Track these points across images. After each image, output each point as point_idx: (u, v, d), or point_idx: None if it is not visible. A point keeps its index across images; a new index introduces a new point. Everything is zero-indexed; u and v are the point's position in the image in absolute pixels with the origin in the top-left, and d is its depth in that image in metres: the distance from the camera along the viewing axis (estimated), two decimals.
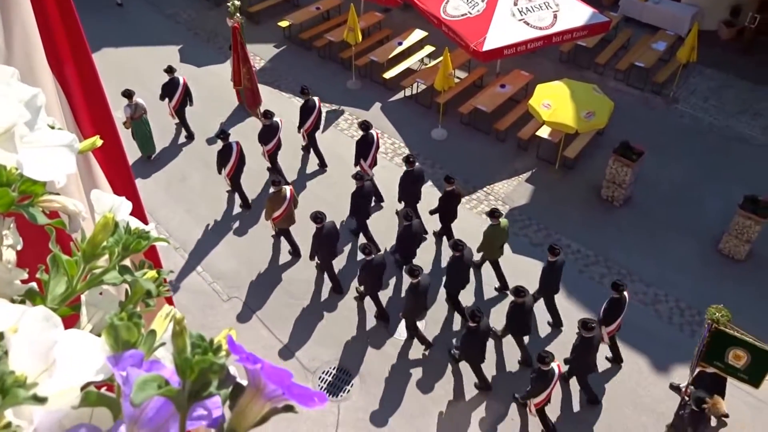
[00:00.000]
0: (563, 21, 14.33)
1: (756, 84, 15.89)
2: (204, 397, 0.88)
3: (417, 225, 11.11)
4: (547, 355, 8.76)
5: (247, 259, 12.25)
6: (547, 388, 8.91)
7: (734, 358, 8.58)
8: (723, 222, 12.10)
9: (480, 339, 9.46)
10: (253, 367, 0.90)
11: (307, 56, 17.43)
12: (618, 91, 15.55)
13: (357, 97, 16.04)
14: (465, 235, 11.36)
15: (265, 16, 18.62)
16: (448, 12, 14.91)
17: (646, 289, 11.54)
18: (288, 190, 11.52)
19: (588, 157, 13.89)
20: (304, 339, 10.97)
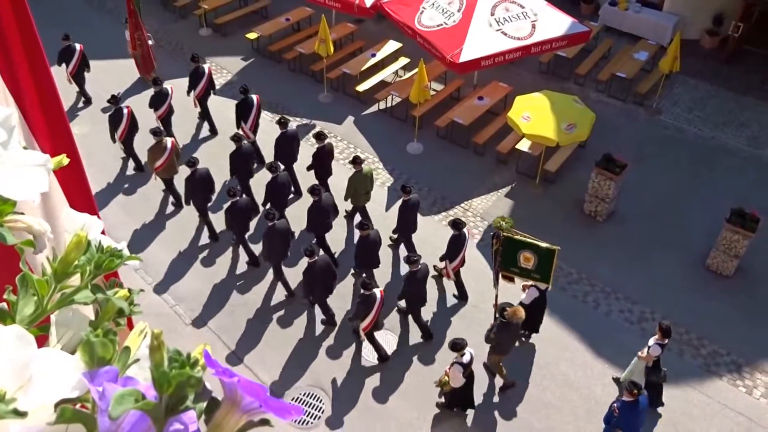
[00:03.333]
0: (542, 31, 14.66)
1: (741, 94, 16.37)
2: (181, 410, 0.94)
3: (374, 234, 11.37)
4: (369, 282, 9.93)
5: (209, 280, 12.27)
6: (370, 312, 10.06)
7: (525, 261, 9.96)
8: (709, 236, 12.38)
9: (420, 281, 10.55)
10: (229, 381, 0.96)
11: (277, 69, 17.56)
12: (599, 103, 15.91)
13: (329, 110, 16.17)
14: (435, 248, 11.50)
15: (233, 27, 18.75)
16: (423, 23, 15.17)
17: (632, 307, 11.75)
18: (169, 142, 12.82)
19: (570, 170, 14.15)
20: (271, 361, 10.99)
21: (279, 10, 18.95)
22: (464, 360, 9.40)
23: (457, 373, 9.42)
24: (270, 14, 19.26)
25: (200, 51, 17.94)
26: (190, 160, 12.15)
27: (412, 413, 10.34)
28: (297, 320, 11.64)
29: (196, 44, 18.25)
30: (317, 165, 12.92)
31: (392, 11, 15.87)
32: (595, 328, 11.35)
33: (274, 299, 11.99)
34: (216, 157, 14.05)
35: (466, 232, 11.10)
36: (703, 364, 10.96)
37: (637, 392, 8.65)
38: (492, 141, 14.63)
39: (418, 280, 10.52)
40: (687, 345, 11.24)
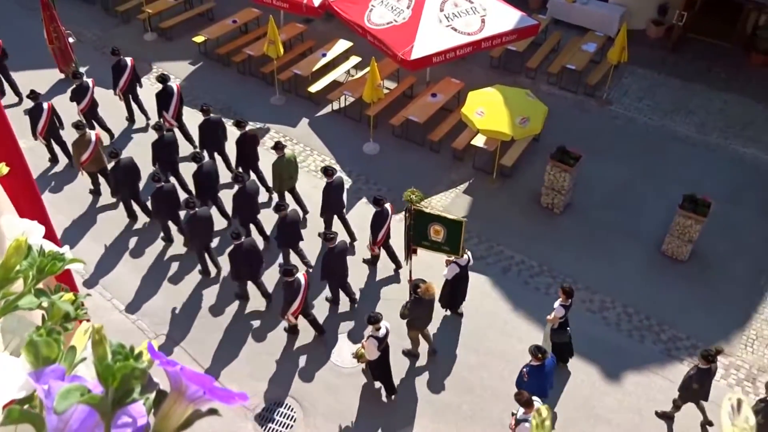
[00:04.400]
0: (491, 26, 14.89)
1: (687, 81, 16.90)
2: (127, 403, 0.96)
3: (292, 214, 11.76)
4: (291, 268, 10.31)
5: (172, 293, 12.14)
6: (296, 297, 10.40)
7: (435, 234, 10.31)
8: (664, 223, 12.76)
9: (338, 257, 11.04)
10: (173, 370, 0.98)
11: (226, 72, 17.44)
12: (551, 95, 16.23)
13: (282, 113, 16.14)
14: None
15: (179, 31, 18.54)
16: (372, 20, 15.26)
17: (593, 297, 12.03)
18: (93, 134, 12.95)
19: (525, 164, 14.42)
20: (240, 373, 10.93)
21: (225, 12, 18.80)
22: (380, 334, 9.69)
23: (372, 347, 9.72)
24: (216, 17, 19.11)
25: (146, 56, 17.77)
26: (113, 151, 12.38)
27: (386, 417, 10.41)
28: (265, 331, 11.59)
29: (141, 49, 18.01)
30: (240, 152, 13.20)
31: (341, 10, 15.92)
32: None
33: (238, 309, 11.92)
34: (146, 148, 13.82)
35: (387, 208, 11.65)
36: (664, 349, 11.30)
37: (541, 356, 9.15)
38: (447, 138, 14.80)
39: (336, 255, 10.95)
40: (648, 331, 11.57)
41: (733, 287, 12.18)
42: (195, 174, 12.55)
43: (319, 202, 12.40)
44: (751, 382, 10.87)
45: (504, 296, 12.08)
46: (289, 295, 10.49)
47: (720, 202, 12.51)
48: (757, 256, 12.73)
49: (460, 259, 10.76)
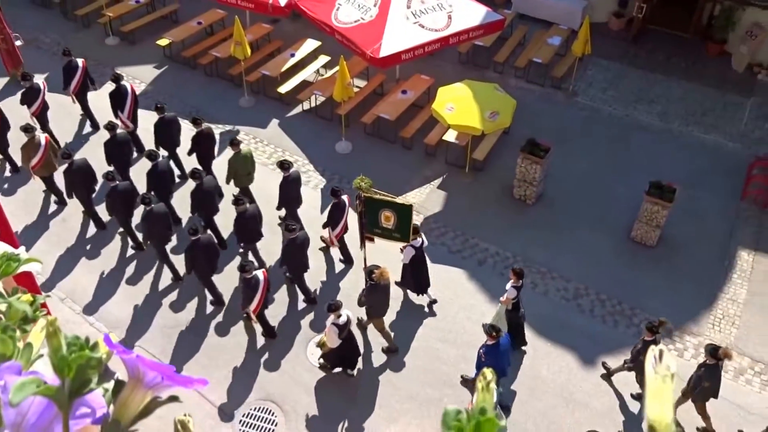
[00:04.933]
0: (458, 21, 15.23)
1: (649, 71, 17.48)
2: (85, 393, 0.95)
3: (252, 209, 11.94)
4: (246, 264, 10.42)
5: (144, 302, 12.20)
6: (255, 294, 10.54)
7: (385, 220, 10.69)
8: (632, 209, 13.25)
9: (299, 248, 11.30)
10: (129, 357, 0.99)
11: (193, 75, 17.46)
12: (519, 89, 16.64)
13: (252, 115, 16.25)
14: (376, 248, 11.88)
15: (142, 35, 18.47)
16: (339, 19, 15.46)
17: (567, 285, 12.46)
18: (42, 137, 12.84)
19: (497, 157, 14.79)
20: (218, 380, 11.03)
21: (189, 13, 18.79)
22: (340, 321, 9.94)
23: (333, 334, 9.97)
24: (180, 19, 19.08)
25: (109, 62, 17.68)
26: (65, 152, 12.33)
27: (365, 416, 10.62)
28: (236, 334, 11.73)
29: (103, 54, 17.93)
30: (197, 149, 13.40)
31: (308, 9, 16.08)
32: (535, 308, 11.95)
33: (208, 314, 12.04)
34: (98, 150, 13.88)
35: (345, 199, 11.87)
36: (636, 333, 11.74)
37: (496, 334, 9.48)
38: (419, 134, 15.10)
39: (297, 246, 11.18)
40: (620, 315, 12.03)
41: (700, 269, 12.74)
42: (149, 172, 12.54)
43: None
44: None
45: (480, 288, 12.43)
46: (248, 293, 10.64)
47: (684, 188, 13.05)
48: (720, 238, 13.32)
49: (414, 242, 11.14)
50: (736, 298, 12.43)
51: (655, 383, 0.71)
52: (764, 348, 11.66)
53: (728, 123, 15.95)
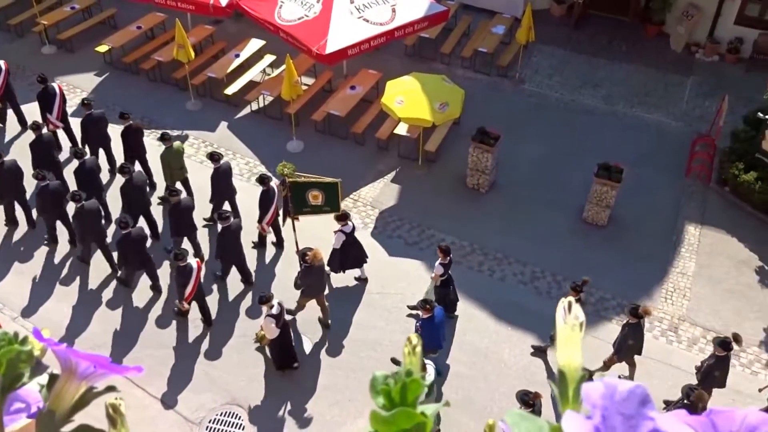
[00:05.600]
0: (402, 14, 15.39)
1: (591, 56, 17.95)
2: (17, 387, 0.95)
3: (186, 201, 12.23)
4: (180, 252, 10.69)
5: (101, 313, 12.08)
6: (189, 282, 10.77)
7: (314, 199, 11.31)
8: (583, 192, 13.63)
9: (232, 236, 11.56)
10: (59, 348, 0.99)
11: (136, 81, 17.23)
12: (467, 79, 16.91)
13: (199, 118, 16.14)
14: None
15: (80, 42, 18.12)
16: (283, 17, 15.47)
17: (524, 269, 12.78)
18: None
19: (448, 148, 15.04)
20: (180, 389, 11.01)
21: (128, 18, 18.48)
22: (274, 311, 10.15)
23: (270, 325, 10.17)
24: (119, 24, 18.76)
25: (46, 71, 17.27)
26: None
27: (332, 413, 10.74)
28: (195, 338, 11.74)
29: (40, 64, 17.51)
30: (125, 145, 13.54)
31: (250, 8, 16.04)
32: (494, 294, 12.25)
33: (164, 320, 12.00)
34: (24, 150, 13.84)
35: (273, 186, 12.09)
36: (593, 311, 12.15)
37: (429, 307, 9.90)
38: (370, 129, 15.22)
39: (231, 233, 11.45)
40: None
41: (650, 245, 13.22)
42: (77, 170, 12.60)
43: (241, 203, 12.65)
44: (673, 331, 11.89)
45: None
46: (181, 280, 10.86)
47: (631, 168, 13.49)
48: (668, 214, 13.84)
49: (345, 227, 11.48)
50: (685, 272, 12.94)
51: (565, 332, 0.85)
52: (715, 318, 12.18)
53: (670, 102, 16.51)
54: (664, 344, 11.62)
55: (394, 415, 0.78)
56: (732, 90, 15.85)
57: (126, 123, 13.34)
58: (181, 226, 12.13)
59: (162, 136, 12.89)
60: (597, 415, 0.64)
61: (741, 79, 16.93)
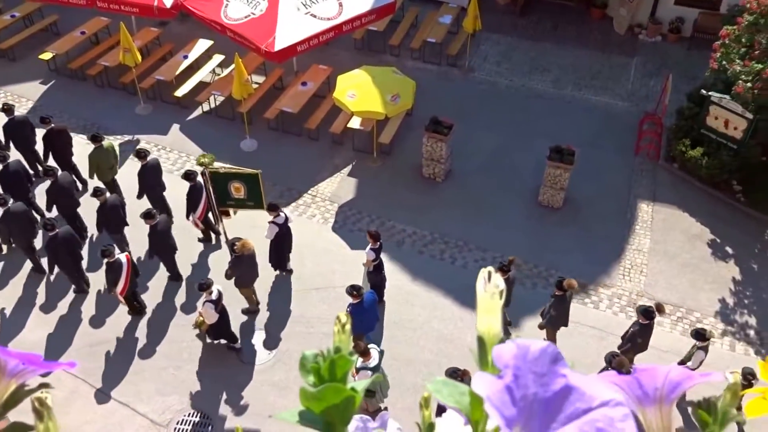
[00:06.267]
0: (349, 8, 15.33)
1: (537, 42, 18.16)
2: None
3: (112, 199, 12.26)
4: (107, 248, 10.83)
5: (58, 322, 11.86)
6: (119, 277, 10.89)
7: (236, 191, 11.25)
8: (537, 175, 13.80)
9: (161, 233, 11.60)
10: None
11: (83, 87, 16.84)
12: (417, 70, 16.95)
13: (150, 122, 15.86)
14: (297, 243, 11.94)
15: (22, 50, 17.61)
16: (229, 16, 15.27)
17: (485, 255, 12.89)
18: None
19: (403, 139, 15.06)
20: (146, 392, 10.89)
21: (71, 24, 18.01)
22: (213, 297, 10.30)
23: (209, 311, 10.31)
24: (62, 30, 18.27)
25: None
26: None
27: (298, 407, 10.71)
28: (159, 344, 11.60)
29: None
30: (49, 147, 13.45)
31: (195, 8, 15.79)
32: (456, 281, 12.33)
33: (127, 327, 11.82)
34: None
35: (201, 181, 12.02)
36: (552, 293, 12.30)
37: (357, 293, 10.15)
38: (324, 124, 15.16)
39: (160, 231, 11.51)
40: (538, 278, 12.57)
41: (605, 224, 13.46)
42: (1, 174, 12.47)
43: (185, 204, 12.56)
44: (632, 306, 12.11)
45: (402, 269, 12.68)
46: (112, 276, 10.92)
47: (582, 149, 13.69)
48: (621, 193, 14.10)
49: (277, 218, 11.52)
50: (641, 248, 13.21)
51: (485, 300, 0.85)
52: (671, 291, 12.47)
53: (616, 84, 16.81)
54: (624, 320, 11.84)
55: (322, 391, 0.77)
56: (675, 69, 16.22)
57: (47, 126, 13.28)
58: (110, 224, 12.15)
59: (92, 137, 12.87)
60: (508, 374, 0.63)
61: (683, 57, 17.32)
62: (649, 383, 0.83)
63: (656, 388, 0.83)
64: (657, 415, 0.84)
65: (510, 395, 0.62)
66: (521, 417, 0.61)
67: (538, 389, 0.63)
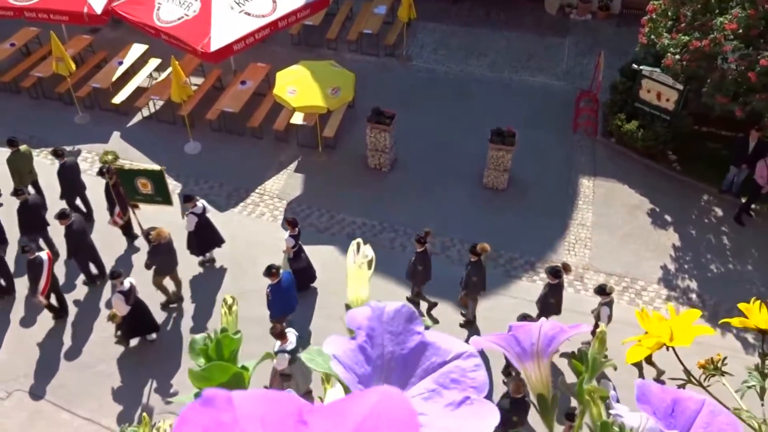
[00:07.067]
0: (283, 4, 15.20)
1: (472, 27, 18.34)
2: None
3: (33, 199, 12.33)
4: (26, 245, 10.87)
5: (16, 343, 11.51)
6: (41, 275, 10.83)
7: (143, 187, 11.53)
8: (481, 159, 13.96)
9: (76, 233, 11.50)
10: None
11: (17, 100, 16.31)
12: (356, 62, 16.92)
13: (90, 131, 15.47)
14: (248, 242, 11.86)
15: None
16: (162, 19, 14.99)
17: (434, 240, 12.97)
18: None
19: (347, 132, 15.06)
20: (109, 405, 10.71)
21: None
22: (124, 288, 10.32)
23: (119, 302, 10.32)
24: None
25: None
26: None
27: None
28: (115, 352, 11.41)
29: None
30: None
31: (127, 13, 15.44)
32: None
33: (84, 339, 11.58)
34: None
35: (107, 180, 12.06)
36: (504, 272, 12.54)
37: (275, 272, 10.37)
38: (267, 122, 15.04)
39: (74, 231, 11.46)
40: (488, 258, 12.73)
41: (549, 202, 13.73)
42: None
43: None
44: (579, 280, 12.42)
45: None
46: (33, 274, 10.87)
47: (522, 130, 13.91)
48: (562, 170, 14.40)
49: (195, 209, 11.57)
50: (584, 223, 13.52)
51: (354, 271, 0.89)
52: (616, 262, 12.81)
53: (551, 64, 17.11)
54: (573, 294, 12.11)
55: (208, 370, 0.79)
56: (607, 46, 16.59)
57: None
58: (31, 224, 12.05)
59: (9, 141, 12.82)
60: (361, 335, 0.66)
61: (614, 34, 17.73)
62: (526, 339, 0.88)
63: (532, 344, 0.88)
64: (536, 369, 0.89)
65: (364, 354, 0.65)
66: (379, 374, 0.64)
67: (395, 347, 0.66)
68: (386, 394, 0.44)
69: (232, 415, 0.40)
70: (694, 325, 1.01)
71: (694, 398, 0.74)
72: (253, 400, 0.41)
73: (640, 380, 0.75)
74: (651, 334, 0.98)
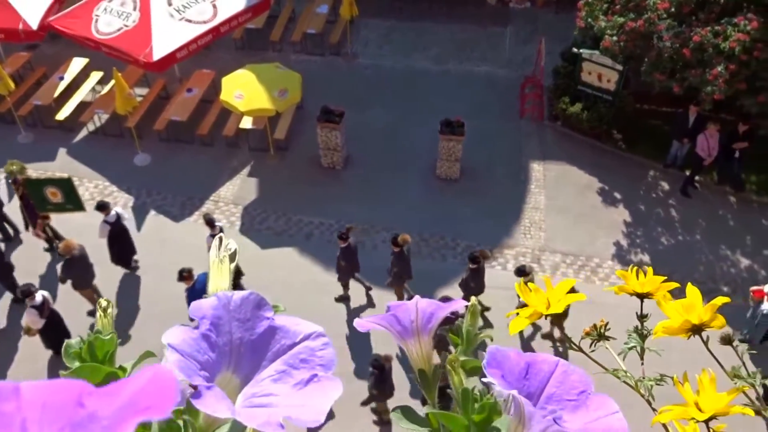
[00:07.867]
0: (224, 9, 15.05)
1: (415, 21, 18.43)
2: None
3: None
4: None
5: None
6: None
7: (53, 196, 11.34)
8: (433, 150, 14.06)
9: None
10: None
11: None
12: (301, 62, 16.87)
13: (34, 150, 15.09)
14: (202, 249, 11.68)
15: None
16: (101, 31, 14.69)
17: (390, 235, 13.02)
18: None
19: (297, 133, 15.00)
20: None
21: None
22: (36, 302, 10.14)
23: (33, 317, 10.19)
24: None
25: None
26: None
27: None
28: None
29: None
30: None
31: (64, 27, 15.08)
32: (369, 263, 12.40)
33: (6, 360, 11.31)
34: None
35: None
36: (461, 261, 12.61)
37: (187, 275, 10.38)
38: (216, 128, 14.89)
39: None
40: (446, 249, 12.86)
41: (502, 188, 13.91)
42: None
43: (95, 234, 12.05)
44: (536, 262, 12.61)
45: (314, 260, 12.69)
46: None
47: (471, 119, 14.05)
48: (512, 156, 14.59)
49: (108, 217, 11.45)
50: (537, 206, 13.73)
51: (215, 265, 0.90)
52: (570, 242, 13.04)
53: (494, 53, 17.30)
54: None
55: (77, 371, 0.79)
56: (547, 32, 16.82)
57: None
58: None
59: None
60: (204, 324, 0.68)
61: (553, 20, 17.99)
62: (405, 317, 0.90)
63: (411, 321, 0.90)
64: (417, 346, 0.91)
65: (207, 342, 0.67)
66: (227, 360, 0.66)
67: (244, 333, 0.68)
68: (157, 370, 0.46)
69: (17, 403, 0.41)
70: (568, 294, 1.05)
71: (548, 360, 0.78)
72: (38, 389, 0.43)
73: (493, 346, 0.78)
74: (530, 304, 1.02)
